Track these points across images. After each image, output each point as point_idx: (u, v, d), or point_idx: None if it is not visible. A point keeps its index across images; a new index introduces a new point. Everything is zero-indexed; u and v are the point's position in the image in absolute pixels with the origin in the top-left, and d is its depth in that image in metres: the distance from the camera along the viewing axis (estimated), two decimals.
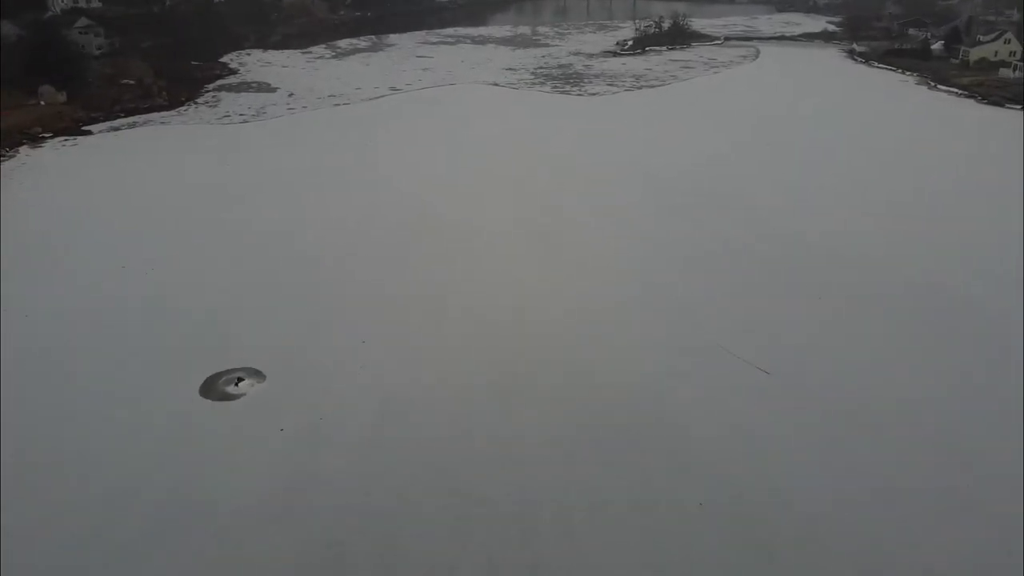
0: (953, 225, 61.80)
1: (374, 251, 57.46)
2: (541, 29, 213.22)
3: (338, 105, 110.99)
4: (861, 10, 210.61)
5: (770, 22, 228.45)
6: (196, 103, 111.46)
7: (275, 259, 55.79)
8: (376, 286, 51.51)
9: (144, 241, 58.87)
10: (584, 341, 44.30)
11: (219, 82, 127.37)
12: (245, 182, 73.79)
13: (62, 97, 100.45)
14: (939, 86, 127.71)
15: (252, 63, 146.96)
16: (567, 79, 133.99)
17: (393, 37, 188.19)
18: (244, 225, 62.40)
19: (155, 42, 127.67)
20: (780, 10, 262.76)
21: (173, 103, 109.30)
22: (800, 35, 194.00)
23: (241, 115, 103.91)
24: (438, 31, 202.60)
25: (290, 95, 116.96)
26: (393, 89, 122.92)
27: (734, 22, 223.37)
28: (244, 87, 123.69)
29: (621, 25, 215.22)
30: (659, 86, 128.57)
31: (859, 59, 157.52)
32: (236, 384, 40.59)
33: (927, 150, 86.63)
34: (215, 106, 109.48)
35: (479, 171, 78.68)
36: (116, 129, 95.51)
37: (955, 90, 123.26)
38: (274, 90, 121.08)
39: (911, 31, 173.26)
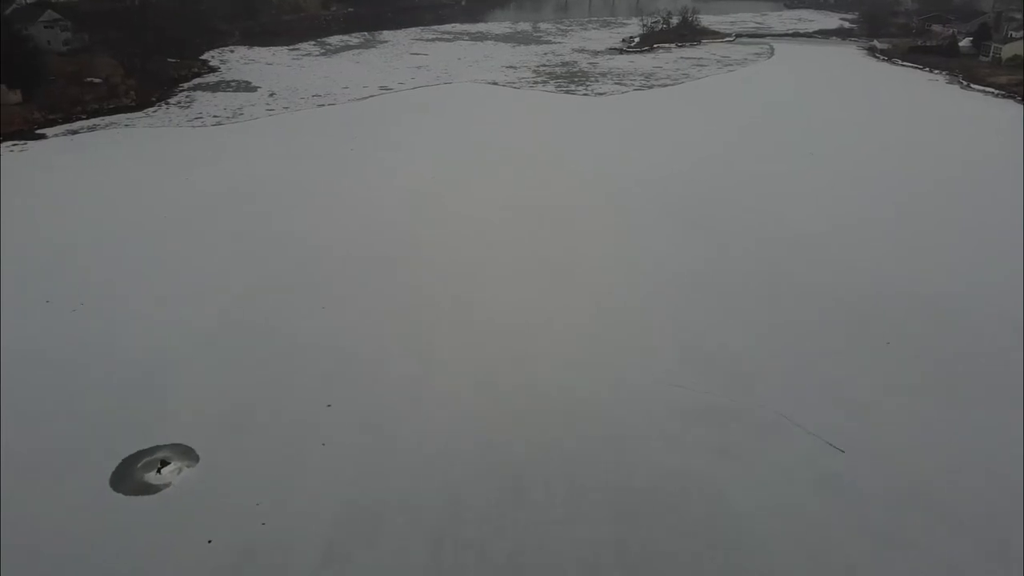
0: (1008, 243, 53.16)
1: (349, 280, 48.14)
2: (542, 25, 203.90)
3: (322, 106, 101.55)
4: (874, 6, 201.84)
5: (781, 19, 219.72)
6: (168, 103, 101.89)
7: (224, 296, 46.30)
8: (346, 330, 42.22)
9: (77, 268, 49.45)
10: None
11: (196, 81, 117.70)
12: (207, 196, 64.12)
13: (16, 97, 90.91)
14: (972, 85, 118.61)
15: (234, 60, 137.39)
16: (572, 78, 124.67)
17: (387, 33, 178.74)
18: (193, 250, 52.94)
19: (129, 38, 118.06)
20: (789, 7, 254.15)
21: (142, 103, 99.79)
22: (815, 32, 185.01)
23: (215, 117, 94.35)
24: (434, 28, 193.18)
25: (271, 95, 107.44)
26: (384, 88, 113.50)
27: (743, 18, 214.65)
28: (223, 86, 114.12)
29: (626, 21, 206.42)
30: (671, 85, 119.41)
31: (881, 57, 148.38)
32: (158, 470, 31.32)
33: (972, 157, 77.66)
34: (187, 107, 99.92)
35: (476, 174, 69.39)
36: (74, 132, 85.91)
37: (991, 90, 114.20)
38: (254, 89, 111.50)
39: (934, 27, 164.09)
